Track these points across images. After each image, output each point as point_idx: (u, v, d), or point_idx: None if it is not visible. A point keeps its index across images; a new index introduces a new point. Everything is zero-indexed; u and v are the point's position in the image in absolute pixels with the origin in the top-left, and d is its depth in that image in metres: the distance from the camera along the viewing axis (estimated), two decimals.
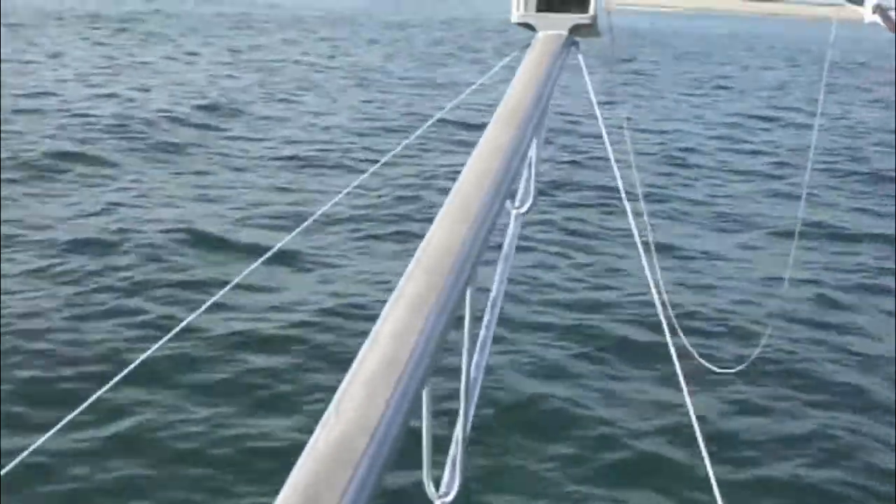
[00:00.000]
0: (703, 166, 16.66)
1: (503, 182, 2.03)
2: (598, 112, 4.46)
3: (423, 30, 43.31)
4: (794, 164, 16.64)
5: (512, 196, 3.74)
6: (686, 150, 18.03)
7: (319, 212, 4.38)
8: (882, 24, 1.86)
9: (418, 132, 4.84)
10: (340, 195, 4.40)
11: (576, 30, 4.12)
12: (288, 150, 15.82)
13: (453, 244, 1.65)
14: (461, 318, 1.71)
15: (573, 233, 11.84)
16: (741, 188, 14.94)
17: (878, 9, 1.58)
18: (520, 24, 4.27)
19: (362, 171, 3.92)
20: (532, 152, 3.70)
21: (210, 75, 24.10)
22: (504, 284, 2.98)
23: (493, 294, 2.82)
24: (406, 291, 1.48)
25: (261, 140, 16.76)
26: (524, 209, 3.87)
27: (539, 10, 4.35)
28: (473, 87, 4.73)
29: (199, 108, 19.06)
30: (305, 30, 39.58)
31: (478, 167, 2.08)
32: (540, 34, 4.06)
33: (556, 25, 4.10)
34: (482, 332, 2.63)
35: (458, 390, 1.86)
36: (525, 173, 3.86)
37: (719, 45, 46.35)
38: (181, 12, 41.90)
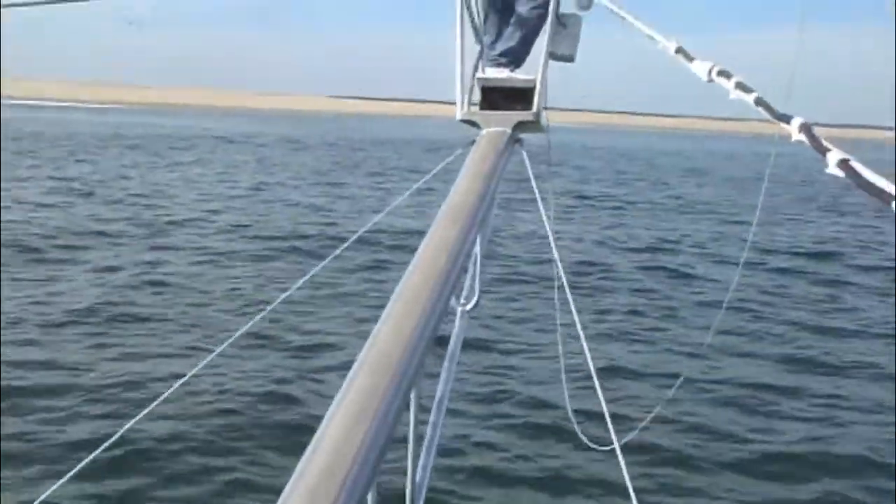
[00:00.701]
0: (634, 265, 17.04)
1: (448, 280, 2.02)
2: (541, 207, 4.50)
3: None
4: (721, 264, 17.18)
5: (457, 293, 3.73)
6: (621, 249, 18.43)
7: (265, 311, 4.29)
8: (808, 143, 1.91)
9: (360, 232, 4.82)
10: (279, 299, 4.32)
11: (520, 126, 4.18)
12: (240, 245, 15.78)
13: (398, 343, 1.62)
14: (406, 419, 1.67)
15: (516, 325, 11.91)
16: (666, 289, 15.22)
17: (804, 128, 1.61)
18: (464, 122, 4.32)
19: (303, 275, 3.87)
20: (477, 249, 3.70)
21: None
22: (450, 383, 2.94)
23: (439, 393, 2.78)
24: (350, 393, 1.45)
25: (203, 243, 16.64)
26: (469, 306, 3.85)
27: (483, 108, 4.42)
28: (418, 185, 4.74)
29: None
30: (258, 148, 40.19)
31: (423, 265, 2.07)
32: (484, 131, 4.10)
33: (500, 123, 4.16)
34: (428, 432, 2.55)
35: (403, 494, 1.79)
36: (470, 270, 3.86)
37: (653, 162, 48.21)
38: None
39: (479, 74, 4.63)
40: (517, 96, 4.40)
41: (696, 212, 27.00)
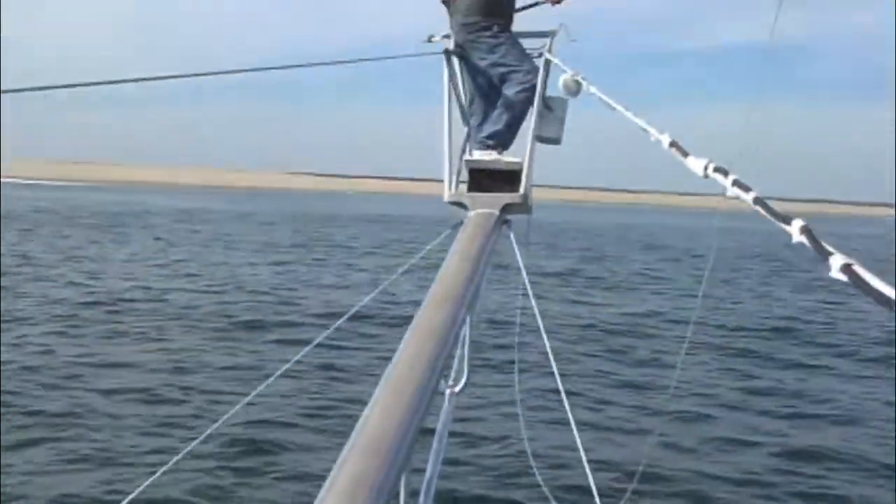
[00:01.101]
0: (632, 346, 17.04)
1: (437, 362, 2.03)
2: (528, 288, 4.50)
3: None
4: (672, 340, 17.30)
5: (446, 375, 3.69)
6: (608, 330, 18.45)
7: (253, 394, 4.21)
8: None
9: (351, 312, 4.79)
10: (272, 378, 4.25)
11: (507, 208, 4.20)
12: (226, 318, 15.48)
13: (388, 427, 1.64)
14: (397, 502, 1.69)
15: (504, 408, 11.78)
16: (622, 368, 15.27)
17: (804, 230, 1.62)
18: (452, 204, 4.34)
19: (291, 357, 3.79)
20: (465, 330, 3.68)
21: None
22: (439, 466, 2.90)
23: (427, 475, 2.74)
24: (340, 478, 1.46)
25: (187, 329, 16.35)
26: (458, 388, 3.82)
27: (471, 189, 4.45)
28: (405, 266, 4.74)
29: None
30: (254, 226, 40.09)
31: (412, 348, 2.08)
32: (472, 213, 4.12)
33: (487, 204, 4.18)
34: None
35: None
36: (458, 352, 3.83)
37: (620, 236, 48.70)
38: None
39: (467, 156, 4.69)
40: (504, 178, 4.45)
41: (656, 287, 27.28)
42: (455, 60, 4.76)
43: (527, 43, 4.95)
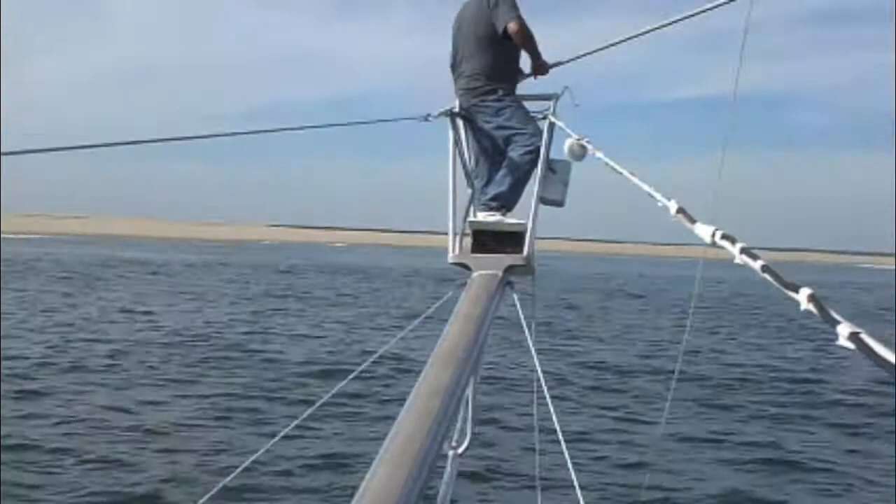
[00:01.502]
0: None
1: (441, 424, 2.04)
2: (532, 349, 4.47)
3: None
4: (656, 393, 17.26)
5: (449, 436, 3.65)
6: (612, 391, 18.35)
7: (247, 462, 4.11)
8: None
9: (352, 375, 4.74)
10: (269, 444, 4.16)
11: (510, 270, 4.19)
12: (209, 403, 15.14)
13: (391, 489, 1.66)
14: None
15: (507, 472, 11.63)
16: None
17: (812, 298, 1.63)
18: (456, 265, 4.33)
19: (294, 418, 3.73)
20: (469, 392, 3.64)
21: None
22: None
23: None
24: None
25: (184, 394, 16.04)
26: (461, 449, 3.77)
27: (474, 251, 4.44)
28: (410, 328, 4.71)
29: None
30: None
31: (416, 410, 2.09)
32: (475, 274, 4.10)
33: (491, 266, 4.17)
34: None
35: None
36: (461, 413, 3.79)
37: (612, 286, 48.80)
38: None
39: (471, 218, 4.70)
40: (508, 240, 4.45)
41: (639, 337, 27.34)
42: (460, 123, 4.80)
43: (531, 106, 5.00)
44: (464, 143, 4.86)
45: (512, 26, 4.81)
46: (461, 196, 4.70)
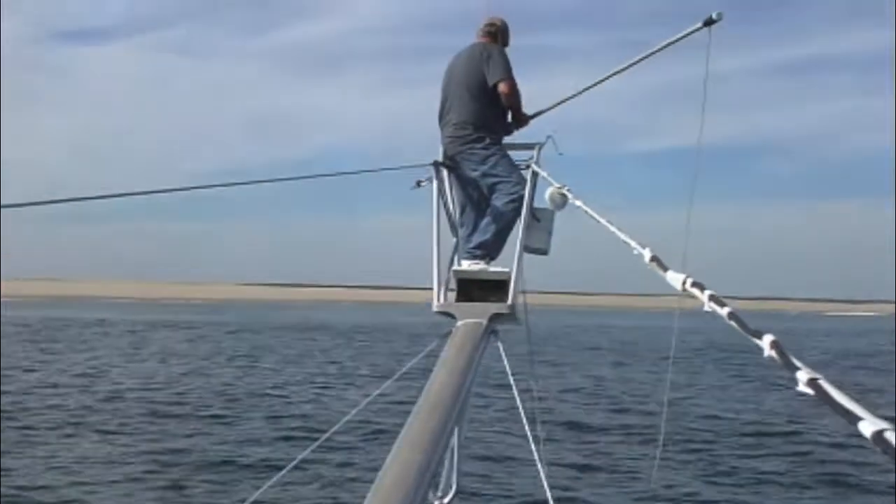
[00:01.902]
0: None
1: (426, 475, 2.02)
2: (517, 398, 4.45)
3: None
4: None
5: (434, 486, 3.61)
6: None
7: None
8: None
9: (338, 426, 4.69)
10: (259, 491, 4.08)
11: (495, 318, 4.19)
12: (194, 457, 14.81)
13: None
14: None
15: None
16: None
17: (775, 345, 1.69)
18: (440, 314, 4.32)
19: (279, 470, 3.66)
20: (454, 441, 3.61)
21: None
22: None
23: None
24: None
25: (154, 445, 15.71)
26: (447, 499, 3.72)
27: (459, 300, 4.44)
28: (394, 377, 4.67)
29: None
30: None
31: (400, 460, 2.06)
32: (460, 323, 4.10)
33: (475, 314, 4.16)
34: None
35: None
36: (447, 463, 3.75)
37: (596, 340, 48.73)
38: None
39: (455, 267, 4.70)
40: (492, 288, 4.45)
41: (620, 391, 27.26)
42: (444, 172, 4.84)
43: (515, 155, 5.06)
44: (447, 192, 4.90)
45: (503, 87, 4.95)
46: (445, 245, 4.72)
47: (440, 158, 4.93)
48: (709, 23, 4.61)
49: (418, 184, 5.05)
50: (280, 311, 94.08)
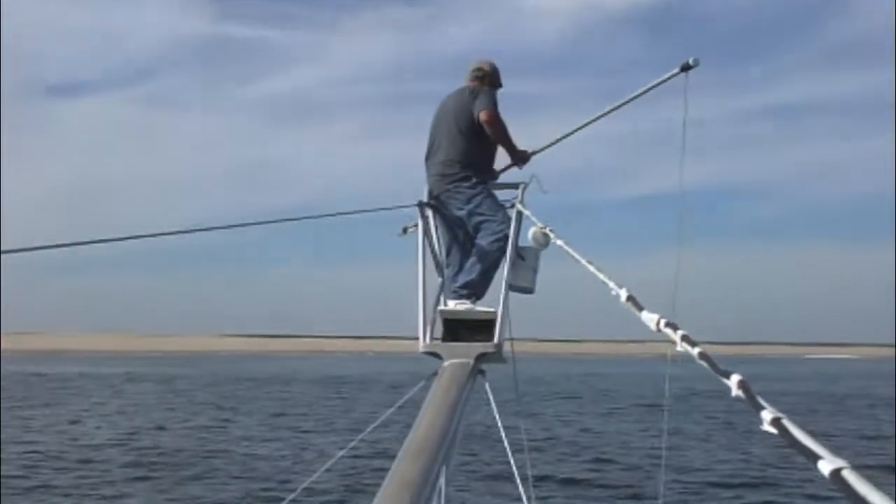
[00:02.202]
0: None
1: None
2: (504, 439, 4.43)
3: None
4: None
5: None
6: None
7: None
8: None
9: (324, 468, 4.63)
10: None
11: (481, 357, 4.18)
12: None
13: None
14: None
15: None
16: None
17: (741, 384, 1.75)
18: (427, 354, 4.31)
19: None
20: (441, 482, 3.58)
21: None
22: None
23: None
24: None
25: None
26: None
27: (445, 340, 4.43)
28: (382, 418, 4.64)
29: None
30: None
31: (388, 502, 2.03)
32: (446, 363, 4.09)
33: (462, 354, 4.15)
34: None
35: None
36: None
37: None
38: None
39: (441, 307, 4.70)
40: (479, 328, 4.45)
41: (611, 441, 27.03)
42: (429, 212, 4.87)
43: (501, 194, 5.11)
44: (433, 232, 4.91)
45: (483, 115, 4.99)
46: (431, 284, 4.73)
47: (425, 198, 4.97)
48: (686, 68, 4.70)
49: (405, 230, 5.09)
50: (258, 361, 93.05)
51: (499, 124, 5.06)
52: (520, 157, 5.21)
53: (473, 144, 5.02)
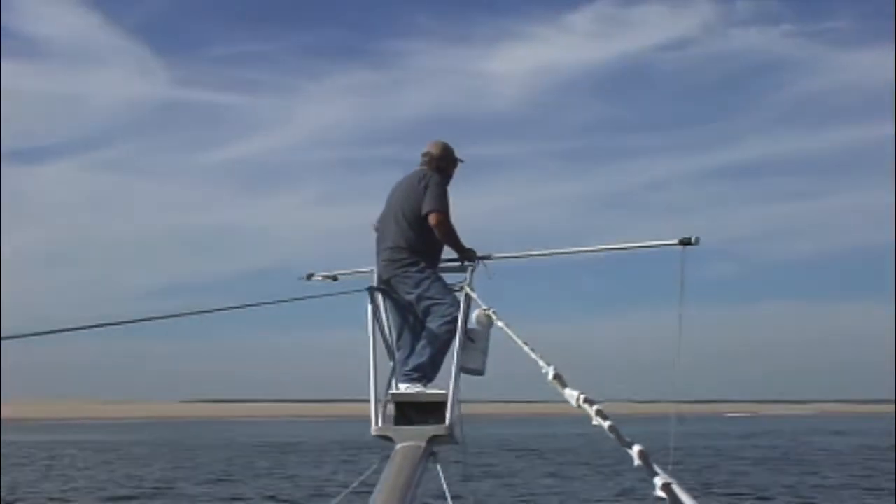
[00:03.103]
0: None
1: None
2: None
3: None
4: None
5: None
6: None
7: None
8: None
9: None
10: None
11: (433, 440, 4.21)
12: None
13: None
14: None
15: None
16: None
17: (642, 454, 1.96)
18: (379, 437, 4.33)
19: None
20: None
21: None
22: None
23: None
24: None
25: None
26: None
27: (397, 423, 4.45)
28: (335, 502, 4.62)
29: None
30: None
31: None
32: (398, 446, 4.11)
33: (414, 437, 4.18)
34: None
35: None
36: None
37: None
38: None
39: (392, 390, 4.73)
40: (430, 410, 4.48)
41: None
42: (379, 296, 4.92)
43: (450, 277, 5.19)
44: (383, 316, 4.96)
45: (432, 219, 5.06)
46: (382, 368, 4.76)
47: (374, 283, 5.03)
48: (685, 243, 4.75)
49: (308, 276, 5.46)
50: (215, 426, 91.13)
51: (446, 226, 5.11)
52: (466, 256, 5.24)
53: (420, 231, 5.07)
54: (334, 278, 5.65)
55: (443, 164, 5.32)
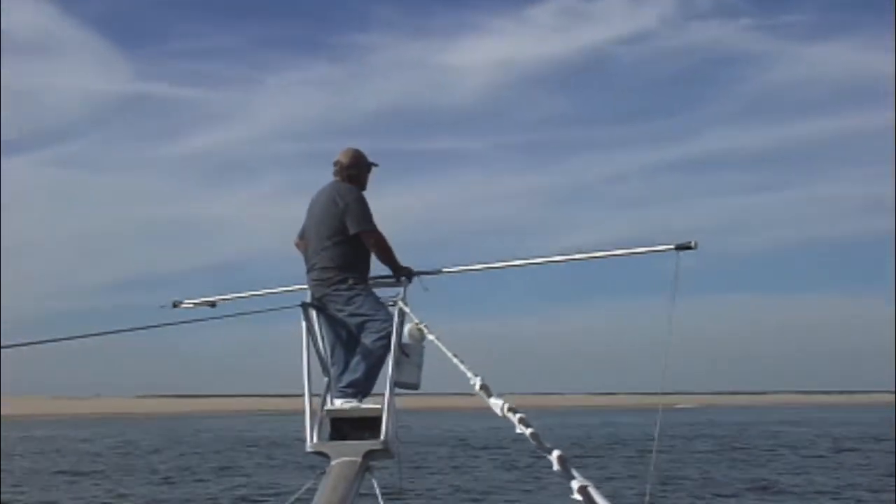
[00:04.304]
0: None
1: None
2: None
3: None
4: None
5: None
6: None
7: None
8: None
9: None
10: None
11: (369, 455, 4.22)
12: None
13: None
14: None
15: None
16: None
17: (560, 459, 2.08)
18: (314, 454, 4.32)
19: None
20: None
21: None
22: None
23: None
24: None
25: None
26: None
27: (332, 438, 4.45)
28: None
29: None
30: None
31: None
32: (334, 462, 4.11)
33: (349, 453, 4.18)
34: None
35: None
36: None
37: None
38: None
39: (328, 406, 4.72)
40: (366, 425, 4.48)
41: None
42: (313, 313, 4.90)
43: (383, 292, 5.18)
44: (317, 333, 4.94)
45: (369, 241, 5.04)
46: (317, 384, 4.75)
47: (307, 300, 4.99)
48: (682, 248, 4.73)
49: (174, 304, 5.64)
50: (169, 422, 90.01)
51: (382, 244, 5.11)
52: (404, 274, 5.22)
53: (348, 249, 5.02)
54: (212, 304, 5.65)
55: (353, 171, 5.22)
